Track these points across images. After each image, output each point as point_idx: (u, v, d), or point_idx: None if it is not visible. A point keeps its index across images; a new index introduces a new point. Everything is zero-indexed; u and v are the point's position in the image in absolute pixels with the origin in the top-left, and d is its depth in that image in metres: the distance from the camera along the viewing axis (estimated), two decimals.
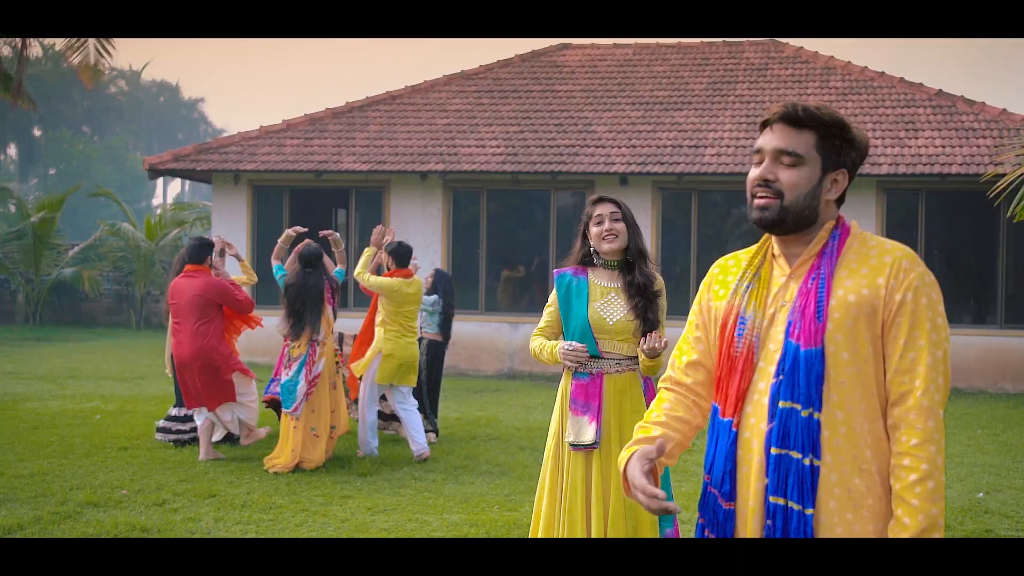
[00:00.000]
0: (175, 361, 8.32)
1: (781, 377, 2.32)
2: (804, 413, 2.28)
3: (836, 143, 2.43)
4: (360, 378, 8.62)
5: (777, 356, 2.36)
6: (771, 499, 2.29)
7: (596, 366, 4.46)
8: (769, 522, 2.30)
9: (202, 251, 8.37)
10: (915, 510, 2.24)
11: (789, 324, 2.36)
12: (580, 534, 4.31)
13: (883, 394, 2.33)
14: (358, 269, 8.32)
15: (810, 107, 2.42)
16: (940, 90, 16.42)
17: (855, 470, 2.30)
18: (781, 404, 2.30)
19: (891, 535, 2.26)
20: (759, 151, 2.44)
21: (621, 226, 4.51)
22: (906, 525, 2.24)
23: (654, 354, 4.37)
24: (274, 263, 8.77)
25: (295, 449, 7.99)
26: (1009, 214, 8.54)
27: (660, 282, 4.56)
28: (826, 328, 2.32)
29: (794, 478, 2.27)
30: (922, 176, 14.18)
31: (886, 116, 15.85)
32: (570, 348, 4.42)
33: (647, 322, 4.44)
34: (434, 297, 9.51)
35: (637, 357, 4.49)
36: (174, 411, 8.98)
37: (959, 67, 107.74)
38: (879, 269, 2.36)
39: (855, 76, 17.29)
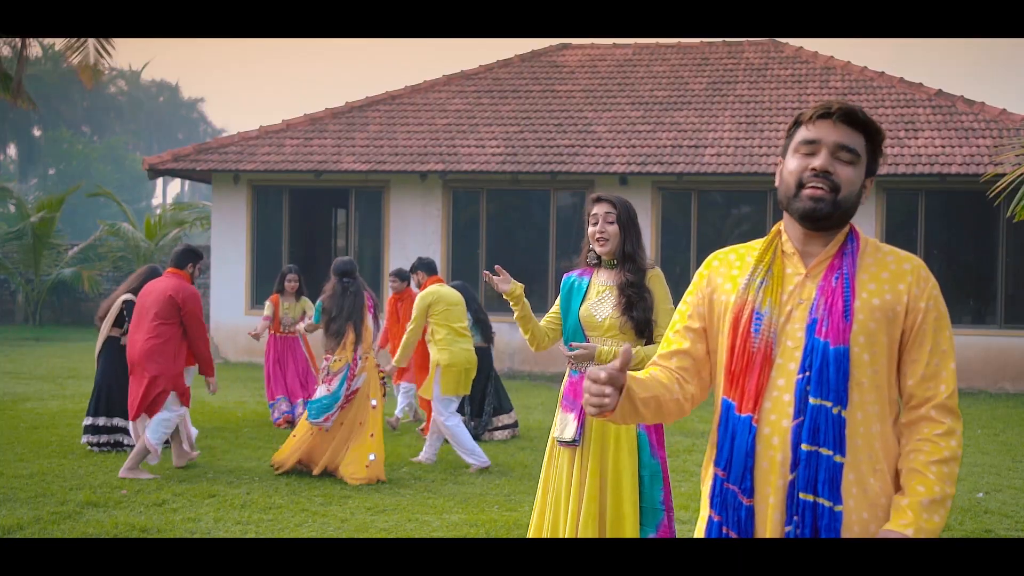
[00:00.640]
0: (128, 363, 7.90)
1: (808, 373, 2.33)
2: (835, 411, 2.30)
3: (875, 150, 2.50)
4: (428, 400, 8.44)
5: (797, 353, 2.36)
6: (801, 495, 2.29)
7: (586, 364, 4.47)
8: (796, 518, 2.29)
9: (184, 257, 8.03)
10: (931, 482, 2.28)
11: (814, 322, 2.36)
12: (561, 533, 4.34)
13: (894, 397, 2.38)
14: (402, 353, 8.29)
15: (864, 112, 2.47)
16: (940, 90, 16.43)
17: (870, 470, 2.34)
18: (812, 401, 2.31)
19: (899, 502, 2.29)
20: (815, 142, 2.43)
21: (613, 228, 4.50)
22: (919, 492, 2.27)
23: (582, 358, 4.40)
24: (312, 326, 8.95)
25: (307, 450, 7.84)
26: (1009, 214, 8.54)
27: (655, 273, 4.51)
28: (851, 328, 2.34)
29: (825, 474, 2.29)
30: (922, 176, 14.18)
31: (886, 116, 15.85)
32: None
33: (635, 320, 4.41)
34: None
35: None
36: (97, 420, 8.67)
37: (959, 67, 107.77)
38: (900, 276, 2.41)
39: (855, 76, 17.29)
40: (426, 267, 9.19)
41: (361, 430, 7.87)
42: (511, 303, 4.79)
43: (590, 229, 4.54)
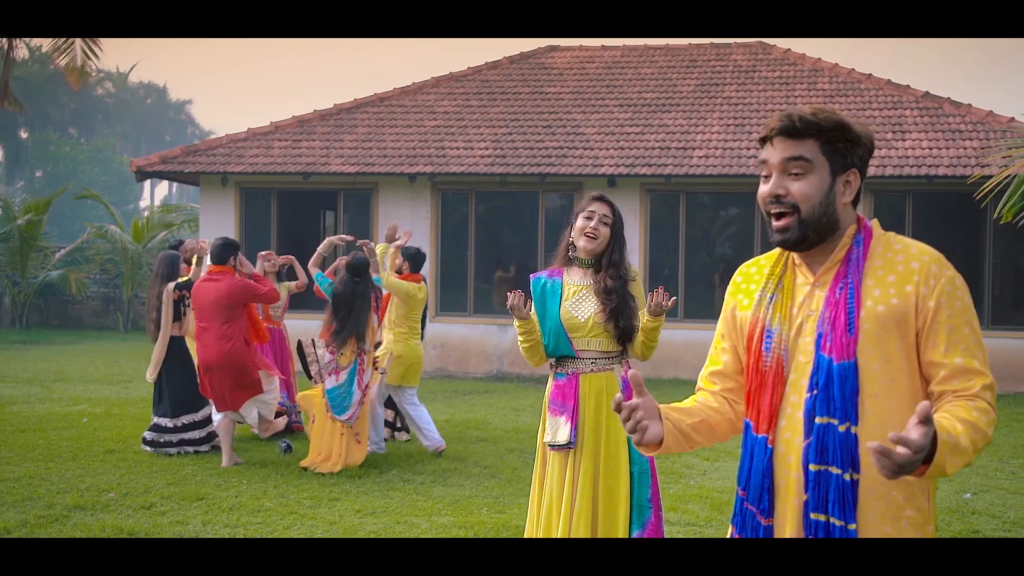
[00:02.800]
0: (200, 364, 8.11)
1: (815, 392, 2.27)
2: (842, 428, 2.23)
3: (840, 145, 2.36)
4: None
5: (808, 368, 2.30)
6: (812, 515, 2.25)
7: (572, 366, 4.46)
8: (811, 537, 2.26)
9: (225, 251, 8.13)
10: (959, 430, 2.14)
11: (820, 336, 2.30)
12: (556, 534, 4.33)
13: (922, 400, 2.27)
14: (385, 270, 8.36)
15: (806, 115, 2.34)
16: (927, 92, 16.49)
17: (894, 482, 2.24)
18: (818, 420, 2.25)
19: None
20: (765, 163, 2.37)
21: (606, 230, 4.48)
22: (953, 429, 2.12)
23: (659, 311, 4.35)
24: (313, 271, 8.73)
25: (340, 454, 8.00)
26: (996, 215, 8.58)
27: (637, 280, 4.52)
28: (857, 341, 2.26)
29: (834, 494, 2.23)
30: (909, 178, 14.24)
31: (873, 118, 15.90)
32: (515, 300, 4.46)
33: (620, 329, 4.41)
34: None
35: (613, 353, 4.48)
36: (162, 420, 8.71)
37: (946, 69, 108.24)
38: (907, 277, 2.30)
39: (843, 78, 17.34)
40: (414, 260, 8.88)
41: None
42: (520, 326, 4.56)
43: (580, 223, 4.49)
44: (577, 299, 4.46)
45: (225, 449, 8.20)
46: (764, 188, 2.38)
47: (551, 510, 4.37)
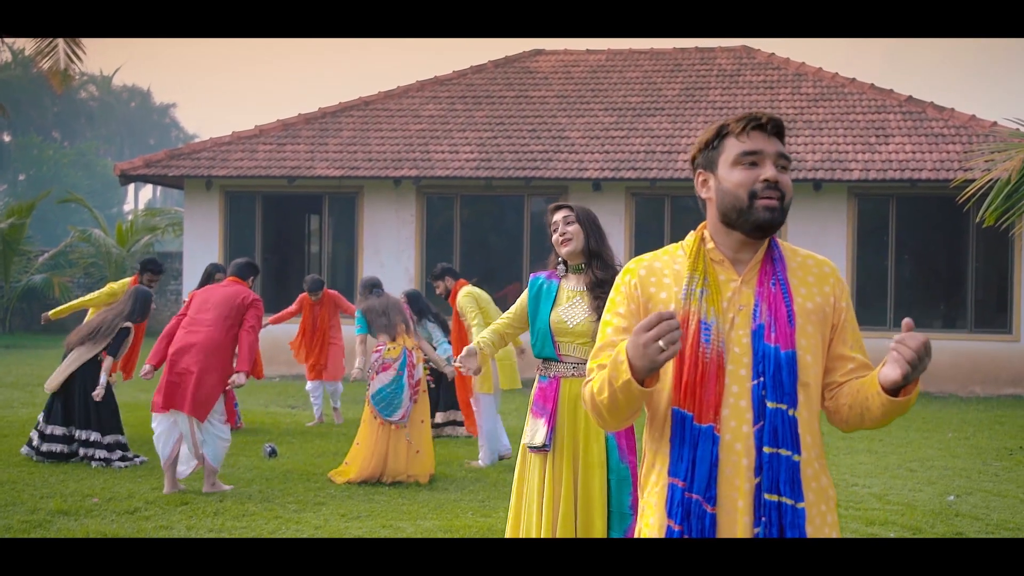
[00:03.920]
0: (177, 350, 7.43)
1: (762, 379, 2.38)
2: (790, 412, 2.37)
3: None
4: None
5: (745, 359, 2.40)
6: (766, 496, 2.34)
7: (554, 370, 4.50)
8: (764, 519, 2.33)
9: (248, 270, 7.92)
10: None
11: (760, 327, 2.40)
12: (535, 535, 4.35)
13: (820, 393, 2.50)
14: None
15: (776, 117, 2.54)
16: (910, 96, 16.57)
17: (820, 465, 2.46)
18: (769, 405, 2.37)
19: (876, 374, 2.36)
20: (757, 153, 2.45)
21: (574, 227, 4.54)
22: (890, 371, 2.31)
23: None
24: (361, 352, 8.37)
25: (383, 455, 7.81)
26: (978, 219, 8.61)
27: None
28: (795, 332, 2.42)
29: (785, 474, 2.35)
30: (892, 182, 14.30)
31: (857, 122, 15.97)
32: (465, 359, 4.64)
33: None
34: (429, 324, 9.43)
35: None
36: (52, 428, 8.47)
37: (929, 74, 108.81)
38: (823, 279, 2.52)
39: (826, 82, 17.41)
40: (452, 273, 9.14)
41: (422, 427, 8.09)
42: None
43: (554, 236, 4.60)
44: (570, 304, 4.50)
45: (169, 476, 7.45)
46: (763, 172, 2.45)
47: (530, 511, 4.39)
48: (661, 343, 2.21)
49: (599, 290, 4.41)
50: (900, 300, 14.80)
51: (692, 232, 2.58)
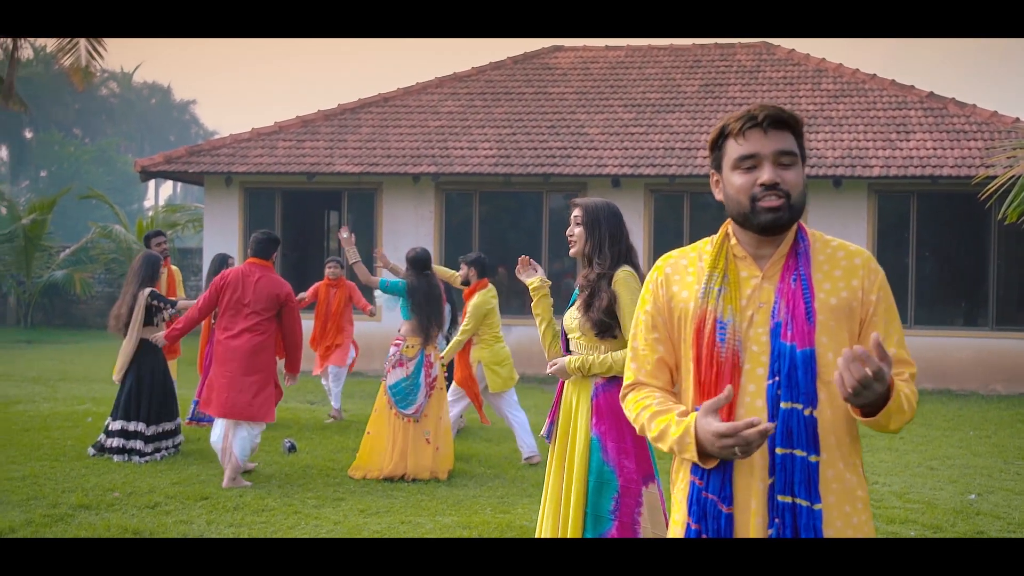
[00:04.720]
0: (220, 354, 7.48)
1: (777, 378, 2.35)
2: (806, 412, 2.33)
3: (801, 140, 2.49)
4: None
5: (763, 358, 2.38)
6: (779, 498, 2.31)
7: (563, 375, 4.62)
8: (777, 520, 2.31)
9: (270, 246, 7.69)
10: (903, 392, 2.34)
11: (778, 325, 2.38)
12: (546, 523, 4.49)
13: None
14: (450, 351, 8.47)
15: (784, 109, 2.45)
16: (931, 92, 16.47)
17: (847, 465, 2.39)
18: (783, 405, 2.33)
19: None
20: (754, 156, 2.41)
21: (579, 230, 4.56)
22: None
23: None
24: (376, 280, 8.17)
25: (403, 452, 7.81)
26: (1000, 216, 8.56)
27: (622, 276, 4.42)
28: (815, 330, 2.37)
29: (800, 475, 2.31)
30: (914, 178, 14.21)
31: (878, 118, 15.88)
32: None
33: (591, 321, 4.39)
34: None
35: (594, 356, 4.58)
36: (136, 426, 8.35)
37: (950, 69, 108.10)
38: (852, 272, 2.45)
39: (847, 78, 17.33)
40: (481, 265, 8.76)
41: (441, 424, 8.05)
42: (533, 296, 4.85)
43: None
44: (574, 302, 4.57)
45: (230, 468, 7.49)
46: (760, 175, 2.41)
47: (545, 500, 4.54)
48: (737, 451, 2.23)
49: (586, 291, 4.44)
50: (921, 298, 14.72)
51: (722, 226, 2.56)
